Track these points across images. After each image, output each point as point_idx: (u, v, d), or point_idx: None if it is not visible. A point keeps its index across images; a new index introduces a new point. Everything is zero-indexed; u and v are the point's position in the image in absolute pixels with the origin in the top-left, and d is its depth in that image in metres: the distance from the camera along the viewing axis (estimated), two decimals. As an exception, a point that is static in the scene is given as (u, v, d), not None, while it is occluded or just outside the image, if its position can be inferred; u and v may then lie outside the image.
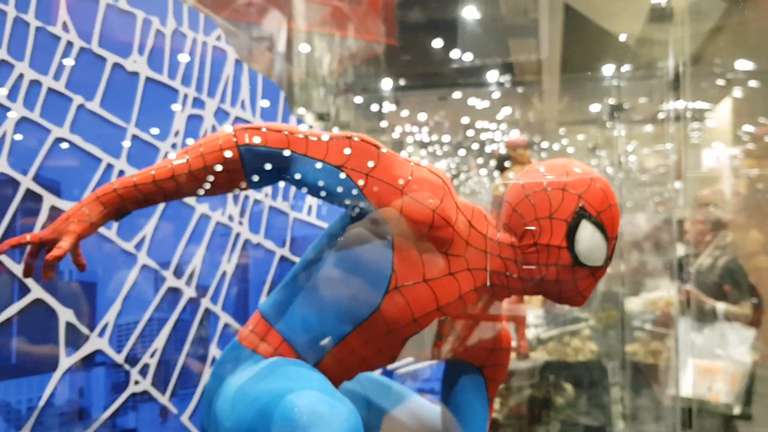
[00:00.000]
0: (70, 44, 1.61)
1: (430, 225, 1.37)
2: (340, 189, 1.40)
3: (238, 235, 1.89)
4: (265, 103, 1.96)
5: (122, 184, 1.35)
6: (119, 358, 1.67)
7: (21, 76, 1.53)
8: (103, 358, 1.65)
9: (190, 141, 1.79)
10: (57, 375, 1.57)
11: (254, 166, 1.39)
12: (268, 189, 1.96)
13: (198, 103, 1.83)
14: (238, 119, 1.92)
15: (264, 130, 1.39)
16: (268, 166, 1.40)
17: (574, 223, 1.38)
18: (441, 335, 1.48)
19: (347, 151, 1.39)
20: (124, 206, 1.36)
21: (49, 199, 1.57)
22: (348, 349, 1.45)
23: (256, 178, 1.42)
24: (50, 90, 1.58)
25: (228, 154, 1.37)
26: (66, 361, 1.59)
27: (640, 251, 4.92)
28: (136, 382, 1.70)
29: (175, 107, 1.79)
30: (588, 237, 1.38)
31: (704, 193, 3.81)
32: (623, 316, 4.45)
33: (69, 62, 1.61)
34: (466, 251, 1.42)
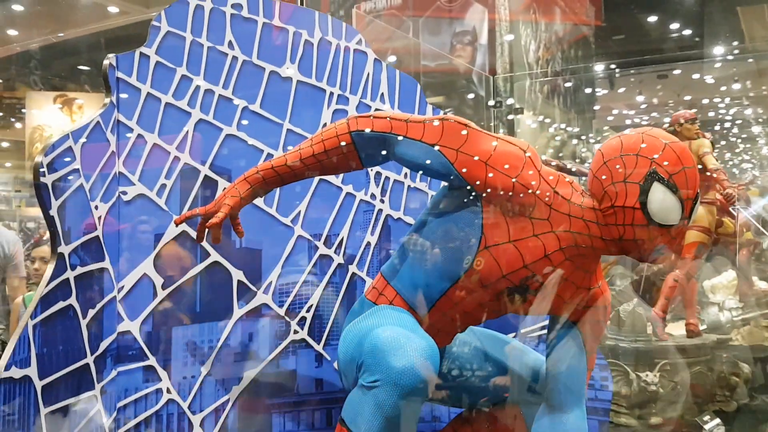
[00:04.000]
0: (234, 59, 2.02)
1: (511, 192, 1.56)
2: (435, 164, 1.63)
3: (380, 211, 2.19)
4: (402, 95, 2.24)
5: (264, 167, 1.71)
6: (281, 311, 2.05)
7: (198, 87, 1.96)
8: (268, 310, 2.04)
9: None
10: (231, 322, 1.98)
11: (365, 147, 1.68)
12: (408, 171, 2.23)
13: (342, 99, 2.16)
14: (378, 111, 2.21)
15: (372, 117, 1.67)
16: (375, 148, 1.68)
17: (646, 186, 1.49)
18: (532, 292, 1.66)
19: (440, 131, 1.62)
20: (266, 184, 1.71)
21: (222, 184, 1.98)
22: (450, 302, 1.68)
23: (368, 158, 1.70)
24: (221, 96, 1.99)
25: (343, 139, 1.67)
26: (238, 311, 1.99)
27: None
28: (295, 332, 2.07)
29: (323, 104, 2.13)
30: (660, 198, 1.48)
31: None
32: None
33: (235, 73, 2.01)
34: (549, 215, 1.59)
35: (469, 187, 1.61)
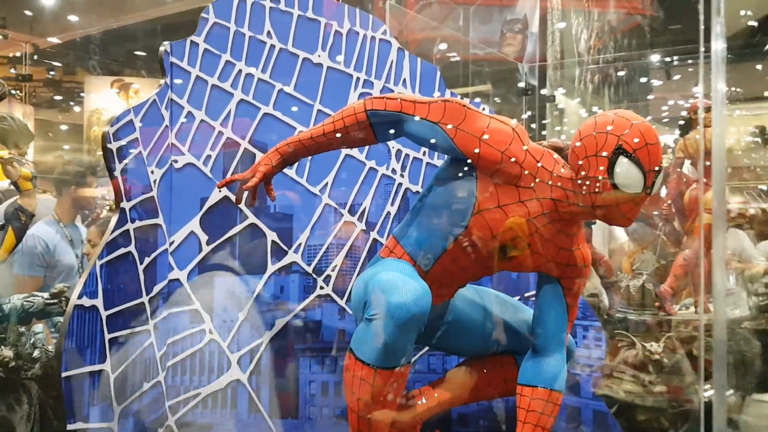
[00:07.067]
0: (272, 47, 2.32)
1: (500, 163, 1.82)
2: (438, 139, 1.89)
3: (400, 185, 2.47)
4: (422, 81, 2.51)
5: (293, 140, 2.00)
6: (309, 269, 2.35)
7: (240, 71, 2.27)
8: (297, 268, 2.34)
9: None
10: (265, 276, 2.29)
11: (378, 124, 1.95)
12: (426, 149, 2.49)
13: (368, 84, 2.43)
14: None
15: (385, 98, 1.94)
16: (387, 124, 1.95)
17: (613, 158, 1.73)
18: (518, 249, 1.91)
19: (442, 110, 1.88)
20: (294, 154, 2.00)
21: (259, 156, 2.28)
22: (449, 258, 1.94)
23: (381, 133, 1.97)
24: (260, 80, 2.30)
25: (359, 117, 1.94)
26: (271, 267, 2.30)
27: None
28: (321, 288, 2.36)
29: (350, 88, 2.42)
30: (624, 170, 1.72)
31: None
32: None
33: (272, 59, 2.31)
34: (533, 184, 1.84)
35: (466, 159, 1.87)
